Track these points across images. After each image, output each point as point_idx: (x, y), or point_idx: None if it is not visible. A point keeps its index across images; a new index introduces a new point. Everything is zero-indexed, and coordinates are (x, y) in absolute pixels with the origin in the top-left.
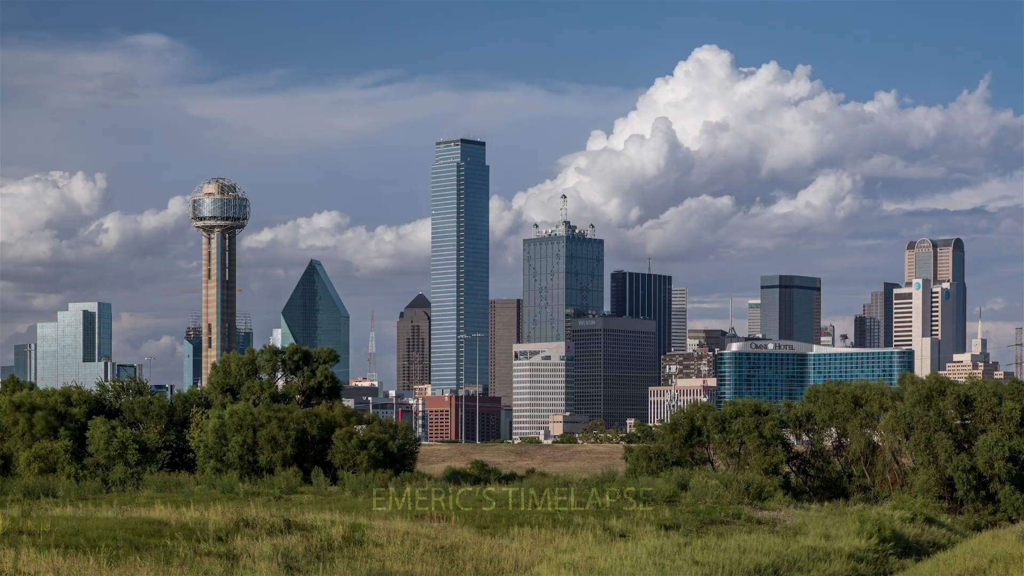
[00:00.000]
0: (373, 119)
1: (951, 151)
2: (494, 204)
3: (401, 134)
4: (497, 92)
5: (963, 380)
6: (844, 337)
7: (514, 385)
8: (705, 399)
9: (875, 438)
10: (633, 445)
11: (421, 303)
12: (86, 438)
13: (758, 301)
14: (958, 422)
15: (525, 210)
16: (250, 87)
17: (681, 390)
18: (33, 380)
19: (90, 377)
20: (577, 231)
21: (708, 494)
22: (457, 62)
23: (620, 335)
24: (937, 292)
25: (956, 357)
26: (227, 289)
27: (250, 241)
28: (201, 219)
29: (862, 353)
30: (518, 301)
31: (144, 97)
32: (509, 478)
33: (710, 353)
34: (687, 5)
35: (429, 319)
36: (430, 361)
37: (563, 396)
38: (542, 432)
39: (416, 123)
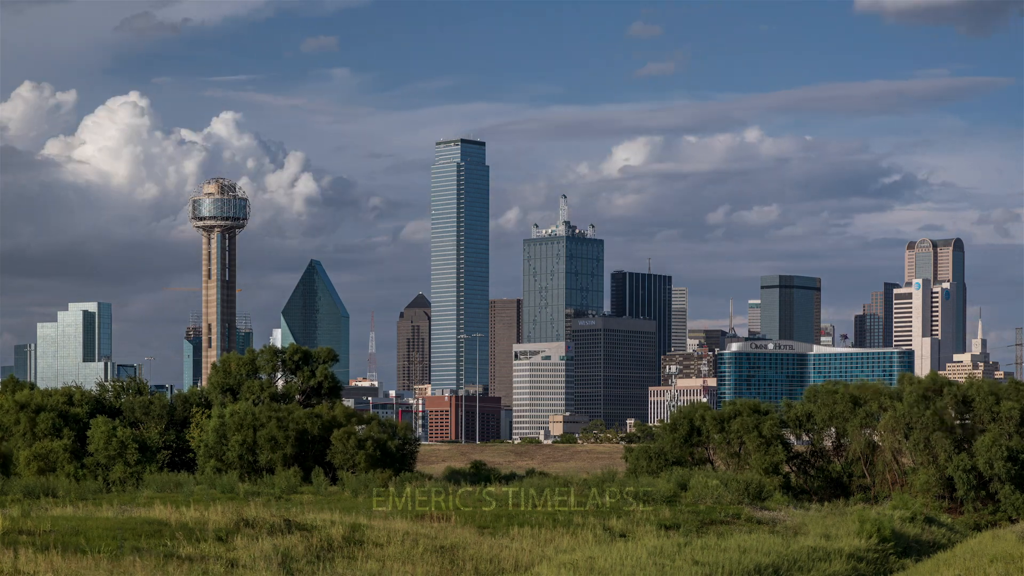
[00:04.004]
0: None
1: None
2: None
3: None
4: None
5: (963, 380)
6: (844, 337)
7: (514, 385)
8: (705, 399)
9: (875, 438)
10: (633, 445)
11: (421, 303)
12: (87, 437)
13: (758, 301)
14: (957, 422)
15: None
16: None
17: (681, 390)
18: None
19: (90, 377)
20: (577, 231)
21: (708, 494)
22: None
23: (620, 335)
24: (937, 292)
25: (956, 357)
26: (227, 289)
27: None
28: (201, 219)
29: (862, 353)
30: (518, 301)
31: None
32: (509, 478)
33: (710, 353)
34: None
35: (429, 319)
36: (430, 361)
37: (563, 396)
38: (542, 432)
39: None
